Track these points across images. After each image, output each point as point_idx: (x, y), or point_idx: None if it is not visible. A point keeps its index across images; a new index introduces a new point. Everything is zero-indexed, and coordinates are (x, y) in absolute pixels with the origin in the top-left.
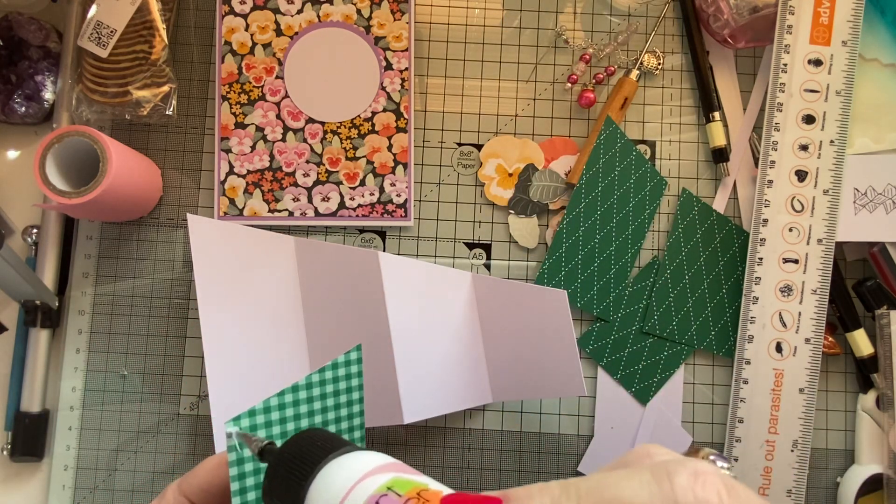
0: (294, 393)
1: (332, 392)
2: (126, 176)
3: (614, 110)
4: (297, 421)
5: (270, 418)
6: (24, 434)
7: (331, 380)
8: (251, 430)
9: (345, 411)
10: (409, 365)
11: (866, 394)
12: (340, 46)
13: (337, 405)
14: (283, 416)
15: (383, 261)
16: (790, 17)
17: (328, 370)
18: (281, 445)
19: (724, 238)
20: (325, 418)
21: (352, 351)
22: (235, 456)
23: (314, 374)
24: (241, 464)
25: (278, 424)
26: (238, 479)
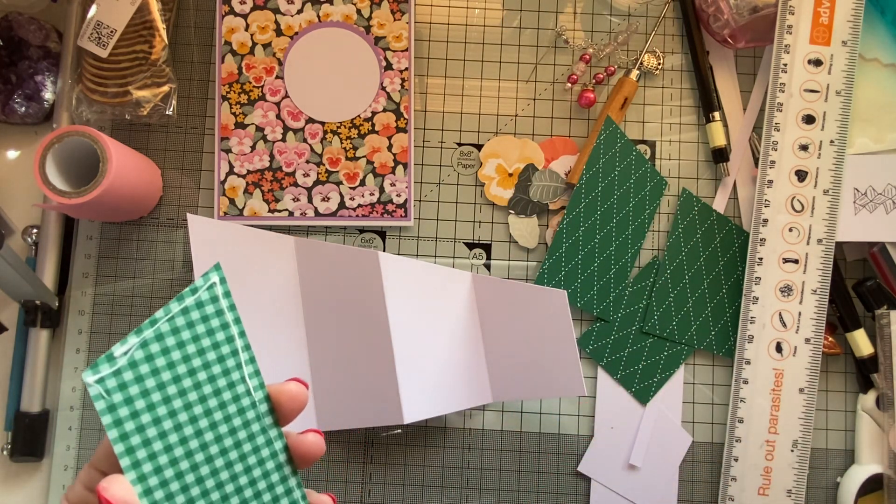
0: (150, 346)
1: (204, 332)
2: (126, 176)
3: (614, 110)
4: (176, 382)
5: (139, 372)
6: (24, 434)
7: (198, 320)
8: (117, 382)
9: (231, 362)
10: (409, 365)
11: (866, 394)
12: (340, 46)
13: (218, 355)
14: (151, 370)
15: (383, 261)
16: (790, 17)
17: (178, 316)
18: None
19: (724, 238)
20: (210, 372)
21: (209, 272)
22: (104, 404)
23: (161, 319)
24: (112, 411)
25: (151, 377)
26: (115, 425)
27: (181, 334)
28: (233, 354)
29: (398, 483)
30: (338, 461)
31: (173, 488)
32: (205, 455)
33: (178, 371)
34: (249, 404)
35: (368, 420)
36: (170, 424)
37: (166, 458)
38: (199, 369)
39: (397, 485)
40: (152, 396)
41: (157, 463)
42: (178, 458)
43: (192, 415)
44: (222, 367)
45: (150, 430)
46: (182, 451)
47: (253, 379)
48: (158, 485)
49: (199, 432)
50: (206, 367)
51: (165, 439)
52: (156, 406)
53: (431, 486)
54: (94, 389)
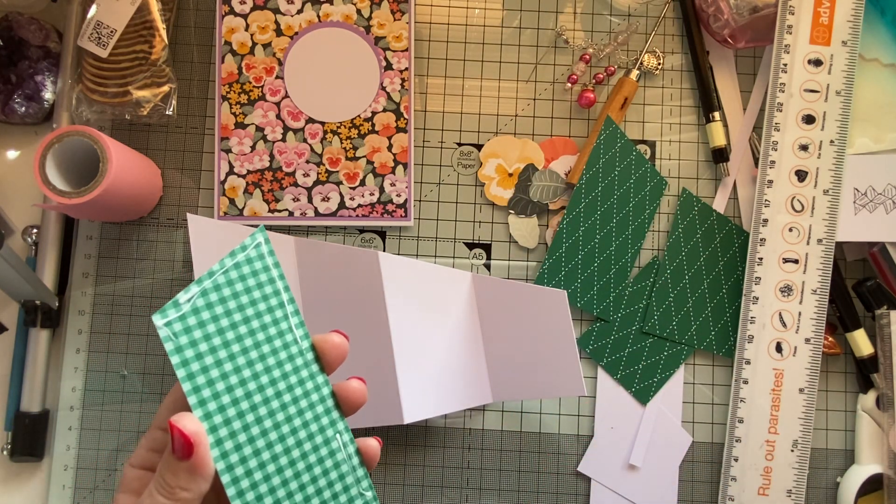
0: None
1: (254, 285)
2: (126, 176)
3: (614, 110)
4: (233, 328)
5: (201, 318)
6: (24, 434)
7: (249, 273)
8: (182, 326)
9: (280, 312)
10: (409, 365)
11: (866, 394)
12: (340, 46)
13: (268, 306)
14: (212, 317)
15: (383, 261)
16: (790, 17)
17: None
18: None
19: (724, 238)
20: (262, 321)
21: (255, 233)
22: (173, 345)
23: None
24: (179, 351)
25: (212, 322)
26: (182, 365)
27: (235, 285)
28: (280, 306)
29: (398, 483)
30: None
31: (235, 426)
32: (262, 396)
33: (234, 318)
34: (297, 352)
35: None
36: (230, 367)
37: (228, 398)
38: (252, 317)
39: (397, 485)
40: (213, 340)
41: (221, 402)
42: (238, 399)
43: (249, 359)
44: (272, 316)
45: (213, 371)
46: (242, 392)
47: (299, 329)
48: (223, 422)
49: (256, 375)
50: (258, 316)
51: (227, 380)
52: (217, 349)
53: (431, 486)
54: (164, 331)
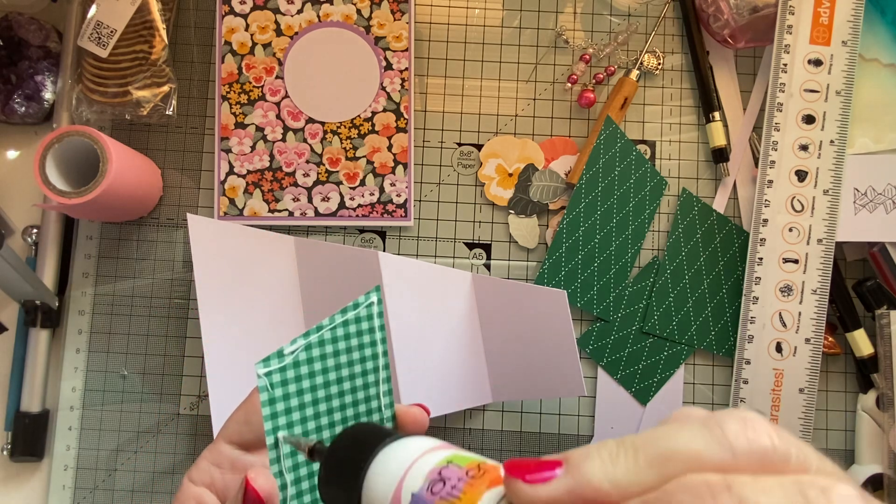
0: (312, 350)
1: (356, 346)
2: (126, 176)
3: (614, 110)
4: (325, 388)
5: (299, 373)
6: (24, 434)
7: (354, 333)
8: (280, 378)
9: (372, 377)
10: (409, 365)
11: (866, 394)
12: (340, 46)
13: (363, 369)
14: (309, 372)
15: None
16: (790, 17)
17: (339, 327)
18: (331, 442)
19: (724, 238)
20: (353, 384)
21: (370, 293)
22: (267, 396)
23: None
24: (272, 403)
25: (308, 379)
26: (271, 418)
27: (338, 344)
28: (374, 370)
29: None
30: None
31: (304, 486)
32: None
33: (330, 377)
34: (379, 420)
35: None
36: (313, 425)
37: (303, 457)
38: (345, 378)
39: None
40: (304, 397)
41: (296, 460)
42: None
43: (332, 420)
44: (364, 380)
45: (296, 428)
46: None
47: (386, 397)
48: (293, 481)
49: (334, 437)
50: (352, 378)
51: (308, 438)
52: (306, 406)
53: None
54: (262, 381)
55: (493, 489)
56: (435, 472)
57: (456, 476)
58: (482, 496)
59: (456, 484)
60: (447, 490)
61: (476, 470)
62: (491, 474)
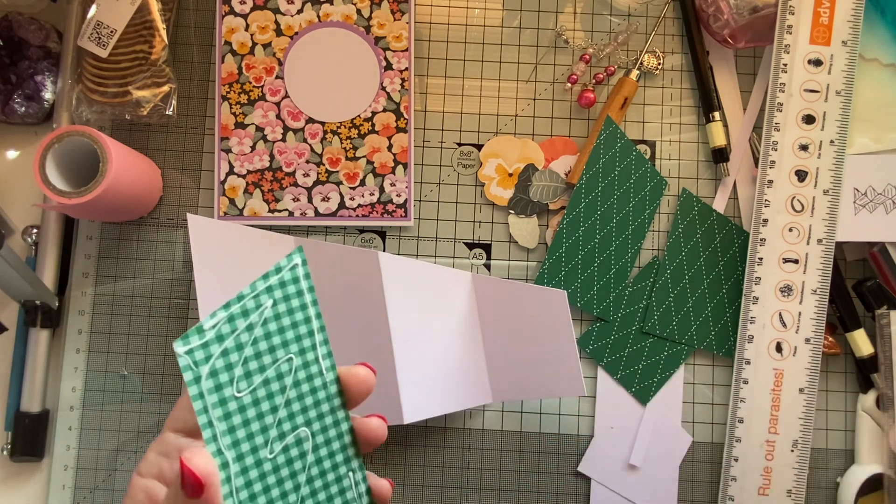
0: (236, 321)
1: (285, 311)
2: (126, 176)
3: (614, 110)
4: (257, 358)
5: (225, 346)
6: (24, 434)
7: (281, 299)
8: (204, 354)
9: (307, 341)
10: (409, 365)
11: (866, 394)
12: (340, 46)
13: (296, 335)
14: (236, 345)
15: (383, 261)
16: (790, 17)
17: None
18: None
19: (724, 238)
20: (288, 350)
21: (292, 254)
22: (192, 375)
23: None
24: (198, 382)
25: (236, 351)
26: (199, 397)
27: (264, 312)
28: (309, 335)
29: (398, 483)
30: None
31: (248, 462)
32: (278, 431)
33: (260, 347)
34: (321, 384)
35: None
36: (249, 399)
37: (243, 433)
38: (278, 347)
39: (397, 485)
40: (235, 370)
41: (236, 436)
42: (253, 433)
43: (270, 391)
44: (299, 346)
45: (231, 404)
46: (258, 426)
47: (326, 360)
48: (235, 458)
49: (275, 408)
50: (285, 346)
51: (244, 413)
52: (238, 380)
53: (431, 486)
54: (184, 360)
55: None
56: None
57: None
58: None
59: None
60: None
61: None
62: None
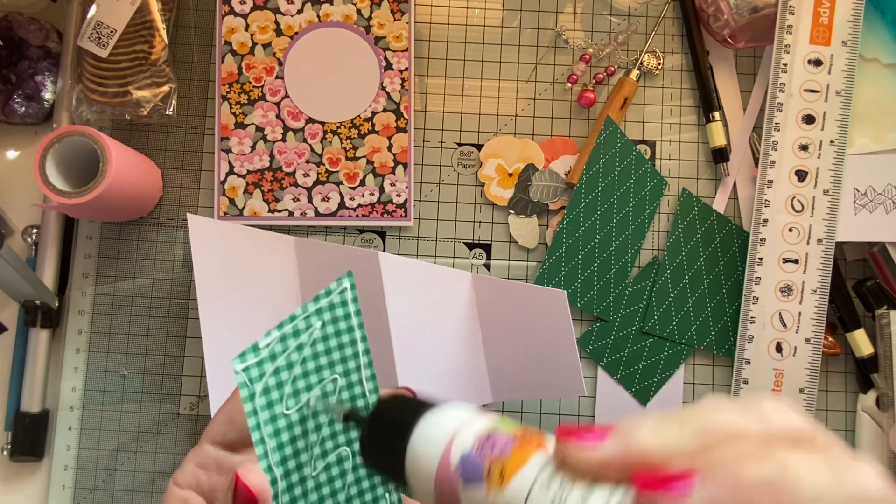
0: (288, 341)
1: (332, 333)
2: (126, 176)
3: (614, 110)
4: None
5: (277, 365)
6: (24, 434)
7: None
8: (259, 372)
9: (353, 363)
10: (409, 365)
11: (866, 394)
12: (340, 46)
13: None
14: (287, 364)
15: (383, 261)
16: (790, 17)
17: (313, 315)
18: (371, 409)
19: (724, 238)
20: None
21: (342, 279)
22: (247, 392)
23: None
24: (252, 399)
25: (286, 370)
26: (254, 413)
27: (313, 333)
28: (355, 357)
29: None
30: None
31: (293, 479)
32: (321, 449)
33: (308, 367)
34: (364, 406)
35: None
36: (296, 417)
37: (290, 450)
38: (324, 367)
39: None
40: (285, 389)
41: (283, 454)
42: (299, 451)
43: (317, 409)
44: (344, 367)
45: (280, 421)
46: (303, 444)
47: (369, 382)
48: (283, 475)
49: (319, 427)
50: (331, 366)
51: (291, 431)
52: (287, 398)
53: None
54: (241, 377)
55: (540, 451)
56: (483, 435)
57: (504, 439)
58: (531, 457)
59: (504, 447)
60: (497, 452)
61: (522, 435)
62: (537, 439)
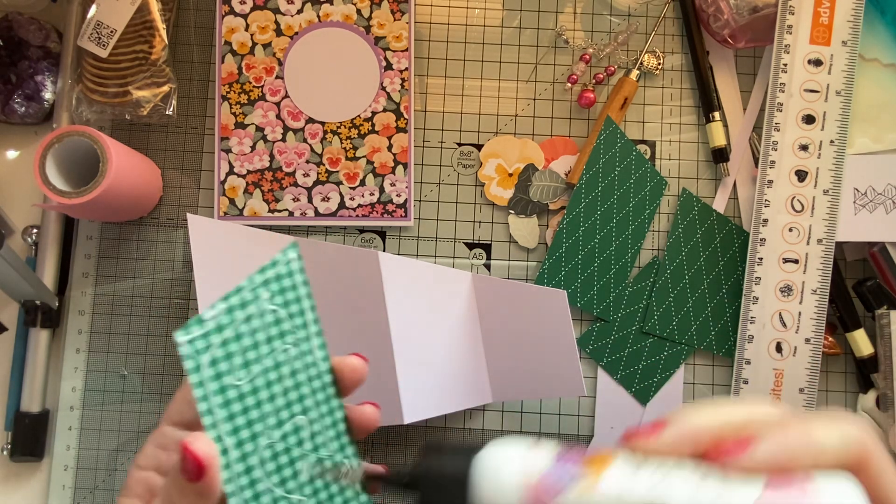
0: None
1: (281, 303)
2: (126, 176)
3: (614, 110)
4: (255, 349)
5: (224, 336)
6: (24, 434)
7: (277, 291)
8: (205, 344)
9: (302, 333)
10: (409, 365)
11: (866, 394)
12: (340, 46)
13: (292, 326)
14: (235, 335)
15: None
16: (790, 17)
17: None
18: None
19: (724, 238)
20: (284, 341)
21: (287, 250)
22: (193, 363)
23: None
24: (198, 370)
25: (235, 342)
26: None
27: (262, 303)
28: (304, 326)
29: None
30: None
31: (247, 449)
32: (276, 419)
33: (258, 338)
34: (316, 374)
35: None
36: (248, 387)
37: (243, 419)
38: (275, 337)
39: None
40: (234, 360)
41: (235, 423)
42: (253, 420)
43: (268, 379)
44: (295, 336)
45: (230, 392)
46: (257, 414)
47: (321, 350)
48: (235, 444)
49: (272, 397)
50: (282, 336)
51: (243, 401)
52: (236, 369)
53: None
54: (185, 349)
55: (614, 454)
56: (558, 451)
57: (577, 451)
58: (611, 457)
59: (580, 455)
60: (582, 455)
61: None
62: (601, 451)
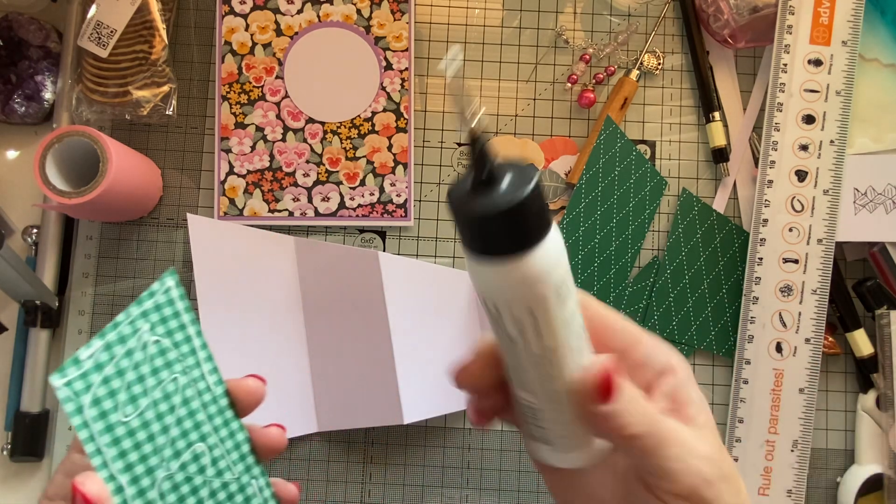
0: (114, 349)
1: (164, 333)
2: (126, 176)
3: (614, 110)
4: (141, 382)
5: (105, 374)
6: (24, 434)
7: (158, 321)
8: (84, 385)
9: (191, 360)
10: (409, 365)
11: (866, 394)
12: (340, 46)
13: (179, 354)
14: (117, 371)
15: (383, 261)
16: (790, 17)
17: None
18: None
19: (724, 238)
20: (172, 370)
21: (164, 277)
22: (73, 406)
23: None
24: (80, 412)
25: (117, 378)
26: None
27: (142, 336)
28: (192, 353)
29: (398, 483)
30: (338, 461)
31: (144, 484)
32: (172, 449)
33: (142, 371)
34: (211, 399)
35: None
36: (137, 423)
37: (136, 455)
38: (161, 368)
39: (397, 485)
40: (118, 396)
41: (128, 460)
42: (146, 455)
43: (159, 411)
44: (183, 365)
45: (118, 430)
46: (150, 448)
47: (212, 375)
48: (130, 481)
49: (166, 428)
50: (168, 366)
51: (134, 437)
52: (122, 406)
53: (431, 486)
54: (63, 392)
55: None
56: None
57: None
58: None
59: None
60: None
61: None
62: None
